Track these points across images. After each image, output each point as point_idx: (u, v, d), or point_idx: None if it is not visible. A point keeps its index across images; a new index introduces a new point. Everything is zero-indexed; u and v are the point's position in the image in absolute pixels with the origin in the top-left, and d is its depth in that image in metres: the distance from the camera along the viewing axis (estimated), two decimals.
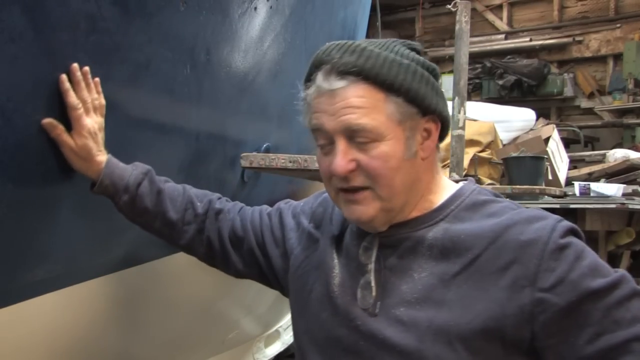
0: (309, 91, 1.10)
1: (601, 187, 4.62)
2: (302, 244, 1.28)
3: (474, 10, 8.31)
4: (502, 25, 9.41)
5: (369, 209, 1.08)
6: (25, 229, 1.29)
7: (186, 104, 1.65)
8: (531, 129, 6.31)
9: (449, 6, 3.60)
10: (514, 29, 9.37)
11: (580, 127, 7.85)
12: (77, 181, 1.34)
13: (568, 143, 7.13)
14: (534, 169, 4.71)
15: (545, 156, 4.94)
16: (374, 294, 1.10)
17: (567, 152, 6.12)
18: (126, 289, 1.67)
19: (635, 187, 4.94)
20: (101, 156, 1.31)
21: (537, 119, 6.75)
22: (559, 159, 5.40)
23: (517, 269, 1.00)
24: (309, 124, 1.11)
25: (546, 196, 4.66)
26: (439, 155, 1.17)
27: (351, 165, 1.05)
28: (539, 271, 0.99)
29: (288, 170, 1.96)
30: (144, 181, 1.34)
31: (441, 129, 1.13)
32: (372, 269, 1.11)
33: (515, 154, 4.87)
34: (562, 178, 5.26)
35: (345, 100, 1.04)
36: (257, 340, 2.76)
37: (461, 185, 1.17)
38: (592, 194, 4.56)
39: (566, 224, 1.04)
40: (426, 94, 1.08)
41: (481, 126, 5.52)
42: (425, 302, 1.04)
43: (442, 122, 1.13)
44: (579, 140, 7.62)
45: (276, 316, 2.87)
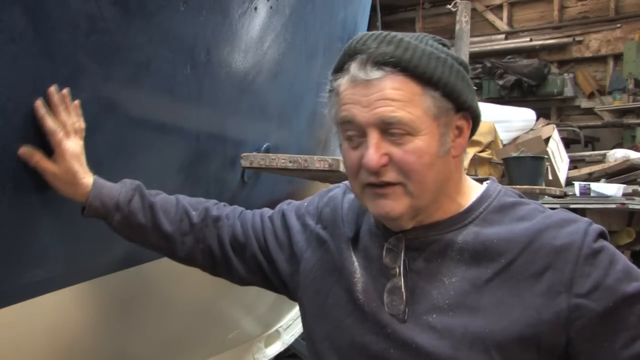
0: (339, 81, 1.06)
1: (601, 187, 4.62)
2: (312, 246, 1.24)
3: (474, 10, 8.32)
4: (502, 25, 9.42)
5: (398, 205, 1.04)
6: (25, 229, 1.29)
7: (186, 104, 1.65)
8: (531, 129, 6.31)
9: (449, 6, 3.61)
10: (514, 29, 9.38)
11: (581, 127, 7.86)
12: None
13: (568, 143, 7.14)
14: (534, 169, 4.71)
15: (546, 156, 4.94)
16: (404, 298, 1.06)
17: (567, 152, 6.12)
18: (126, 289, 1.67)
19: (636, 187, 4.94)
20: (87, 178, 1.26)
21: (537, 119, 6.75)
22: (559, 159, 5.40)
23: (552, 274, 0.99)
24: (337, 116, 1.07)
25: (546, 196, 4.66)
26: (465, 155, 1.14)
27: (384, 160, 1.02)
28: (575, 277, 0.98)
29: (288, 170, 1.96)
30: (134, 197, 1.29)
31: (472, 127, 1.11)
32: (401, 273, 1.08)
33: (516, 154, 4.87)
34: (562, 178, 5.26)
35: (382, 91, 1.01)
36: (257, 340, 2.76)
37: (486, 185, 1.15)
38: (592, 194, 4.56)
39: (597, 228, 1.03)
40: (462, 89, 1.05)
41: (481, 126, 5.38)
42: (459, 308, 1.02)
43: (474, 120, 1.11)
44: (579, 140, 7.63)
45: (276, 316, 2.87)
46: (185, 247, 1.32)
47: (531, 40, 9.02)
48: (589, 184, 4.69)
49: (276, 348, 2.87)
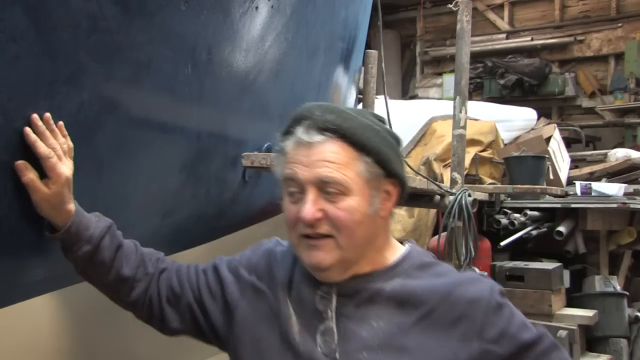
0: (286, 143, 1.18)
1: (602, 187, 4.62)
2: (247, 295, 1.30)
3: (475, 9, 8.32)
4: (504, 24, 9.41)
5: (328, 256, 1.16)
6: (26, 229, 1.29)
7: (188, 104, 1.65)
8: (532, 129, 6.31)
9: (450, 5, 3.60)
10: (515, 28, 9.37)
11: (582, 127, 7.85)
12: (76, 180, 1.33)
13: (569, 142, 7.13)
14: (535, 168, 4.71)
15: (547, 156, 4.95)
16: (336, 339, 1.17)
17: (569, 151, 6.12)
18: None
19: (637, 186, 4.95)
20: (71, 204, 1.28)
21: (539, 118, 6.76)
22: (560, 158, 5.40)
23: (466, 322, 1.16)
24: (283, 173, 1.19)
25: (547, 196, 4.66)
26: (392, 218, 1.27)
27: (319, 214, 1.14)
28: (485, 324, 1.15)
29: None
30: (106, 235, 1.32)
31: (399, 193, 1.23)
32: (333, 317, 1.19)
33: (517, 153, 4.87)
34: (563, 177, 5.26)
35: (322, 154, 1.14)
36: None
37: (408, 246, 1.29)
38: (593, 194, 4.56)
39: (499, 287, 1.22)
40: (393, 158, 1.19)
41: (482, 126, 5.51)
42: (387, 347, 1.15)
43: (401, 187, 1.23)
44: (580, 139, 7.62)
45: None
46: (134, 293, 1.35)
47: (532, 39, 9.00)
48: (590, 184, 4.69)
49: None
